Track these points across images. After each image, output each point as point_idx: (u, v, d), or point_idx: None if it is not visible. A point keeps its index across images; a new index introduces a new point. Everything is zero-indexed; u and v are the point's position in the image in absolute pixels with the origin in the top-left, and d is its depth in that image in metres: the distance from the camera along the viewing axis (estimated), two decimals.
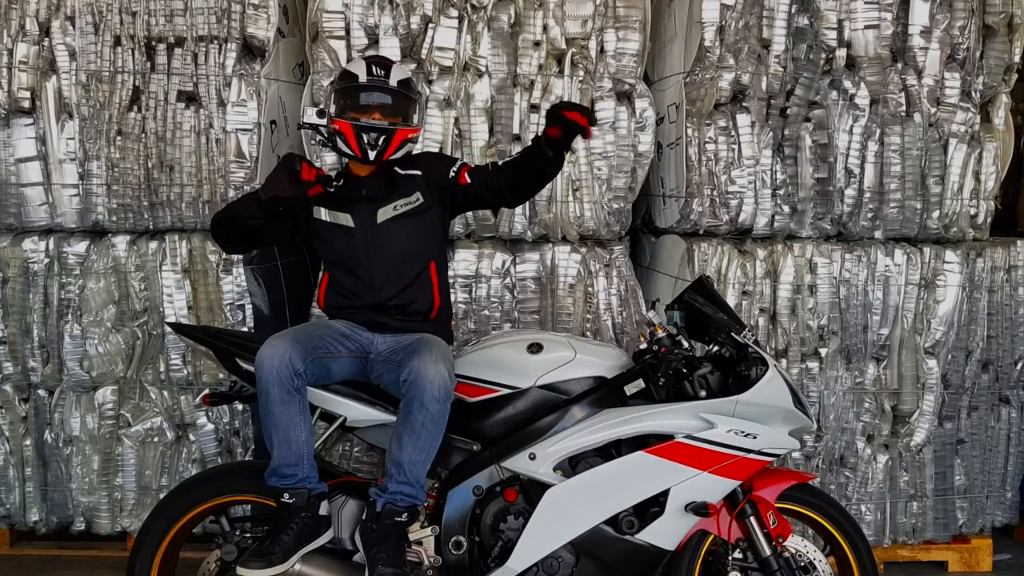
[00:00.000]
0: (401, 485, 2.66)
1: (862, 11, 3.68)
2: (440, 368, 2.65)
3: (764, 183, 3.78)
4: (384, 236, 2.94)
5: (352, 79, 2.93)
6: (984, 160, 3.84)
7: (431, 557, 2.78)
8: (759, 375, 2.79)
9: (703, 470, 2.75)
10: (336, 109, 2.92)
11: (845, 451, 3.84)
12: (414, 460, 2.66)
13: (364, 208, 2.95)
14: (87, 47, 3.64)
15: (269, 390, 2.65)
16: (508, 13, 3.65)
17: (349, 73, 2.96)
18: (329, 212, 2.96)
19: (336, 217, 2.95)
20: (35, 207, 3.74)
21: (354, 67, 2.98)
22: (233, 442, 3.76)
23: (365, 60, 3.00)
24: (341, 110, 2.91)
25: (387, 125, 2.87)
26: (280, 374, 2.64)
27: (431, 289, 2.98)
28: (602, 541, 2.78)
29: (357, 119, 2.87)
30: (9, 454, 3.83)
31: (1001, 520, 4.10)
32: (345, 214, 2.95)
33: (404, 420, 2.67)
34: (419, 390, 2.63)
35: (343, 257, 2.96)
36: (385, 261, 2.94)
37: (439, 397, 2.63)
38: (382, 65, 2.96)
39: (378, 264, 2.93)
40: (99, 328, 3.69)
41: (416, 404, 2.63)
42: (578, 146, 3.69)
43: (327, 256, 3.03)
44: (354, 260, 2.95)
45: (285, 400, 2.66)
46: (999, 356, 4.00)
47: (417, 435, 2.64)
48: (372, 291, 2.94)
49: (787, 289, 3.73)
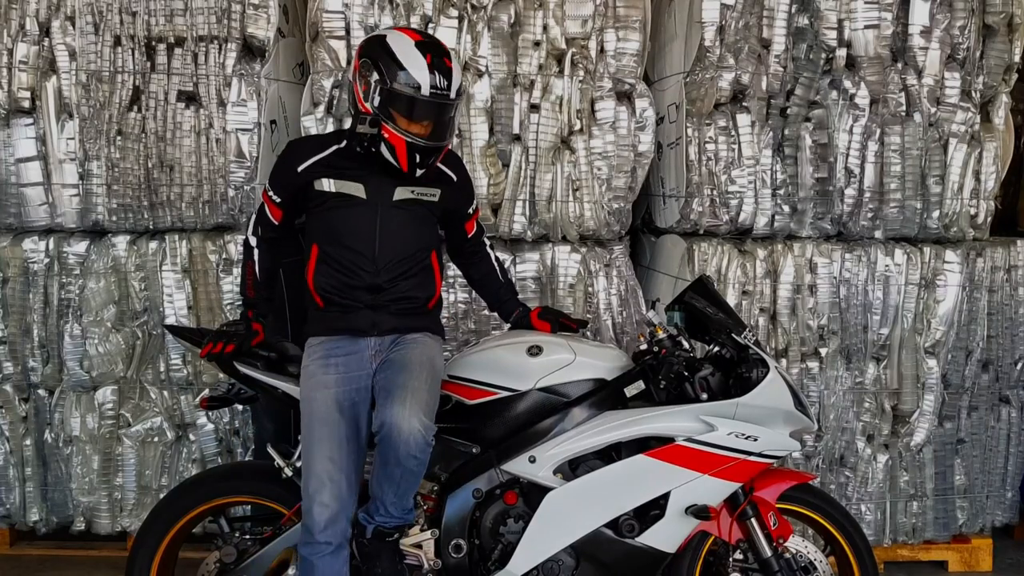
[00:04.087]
0: (386, 516, 2.68)
1: (862, 11, 3.67)
2: (414, 424, 2.54)
3: (764, 183, 3.78)
4: (397, 216, 2.78)
5: (413, 86, 2.64)
6: (984, 160, 3.84)
7: (431, 560, 2.78)
8: (760, 377, 2.78)
9: (704, 473, 2.74)
10: (385, 112, 2.67)
11: (845, 451, 3.84)
12: (396, 500, 2.66)
13: (381, 181, 2.77)
14: (87, 47, 3.63)
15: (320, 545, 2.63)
16: (508, 13, 3.65)
17: (408, 74, 2.65)
18: (336, 182, 2.77)
19: (344, 187, 2.77)
20: (35, 207, 3.74)
21: (414, 68, 2.65)
22: (233, 442, 3.76)
23: (426, 59, 2.67)
24: (391, 117, 2.66)
25: (441, 145, 2.74)
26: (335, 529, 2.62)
27: (433, 278, 2.89)
28: (602, 544, 2.77)
29: (413, 136, 2.68)
30: (9, 454, 3.83)
31: (1001, 520, 4.11)
32: (356, 184, 2.76)
33: (382, 468, 2.61)
34: (393, 448, 2.55)
35: (345, 230, 2.77)
36: (393, 239, 2.78)
37: (415, 453, 2.56)
38: (445, 73, 2.67)
39: (385, 241, 2.77)
40: (99, 328, 3.69)
41: (392, 459, 2.57)
42: (578, 146, 3.69)
43: (323, 228, 2.80)
44: (358, 233, 2.76)
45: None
46: (999, 356, 4.00)
47: (396, 483, 2.62)
48: (373, 269, 2.76)
49: (787, 289, 3.73)
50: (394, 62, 2.66)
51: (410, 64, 2.65)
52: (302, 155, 2.81)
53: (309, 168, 2.78)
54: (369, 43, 2.75)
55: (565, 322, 3.03)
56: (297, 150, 2.85)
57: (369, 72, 2.68)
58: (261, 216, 2.90)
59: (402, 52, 2.66)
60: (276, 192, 2.84)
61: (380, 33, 2.79)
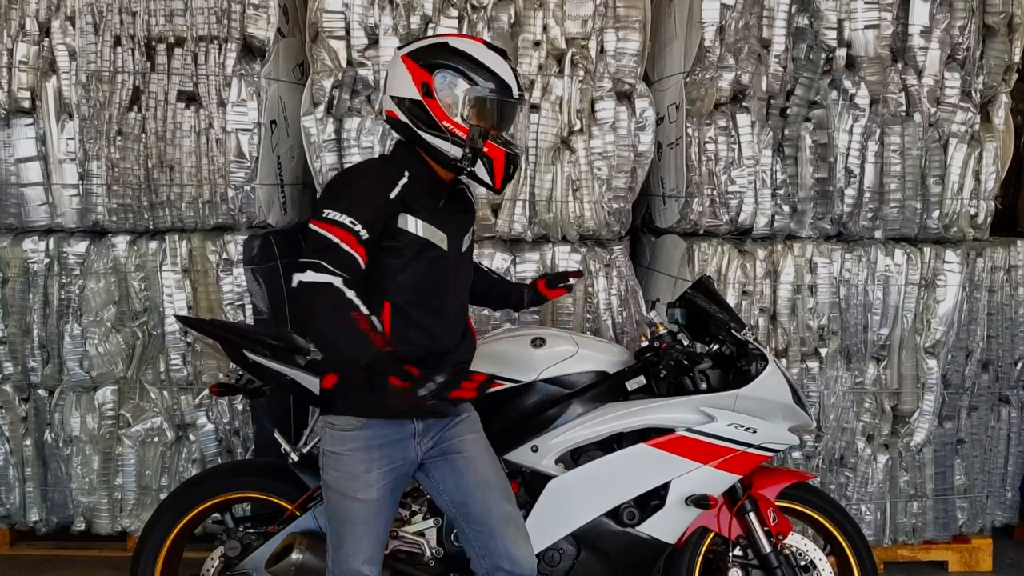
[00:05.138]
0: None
1: (862, 11, 3.67)
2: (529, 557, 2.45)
3: (764, 183, 3.78)
4: (463, 268, 2.48)
5: (503, 89, 2.35)
6: (984, 160, 3.84)
7: (433, 548, 2.79)
8: (759, 370, 2.81)
9: (704, 463, 2.77)
10: (479, 122, 2.34)
11: (845, 451, 3.84)
12: None
13: (454, 229, 2.41)
14: (87, 47, 3.64)
15: None
16: (508, 13, 3.65)
17: (497, 76, 2.35)
18: (424, 225, 2.32)
19: (431, 233, 2.33)
20: (35, 207, 3.74)
21: (499, 68, 2.36)
22: (233, 442, 3.76)
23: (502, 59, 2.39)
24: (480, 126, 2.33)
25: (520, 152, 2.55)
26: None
27: (472, 335, 2.57)
28: (603, 533, 2.79)
29: (509, 145, 2.40)
30: (9, 454, 3.83)
31: (1001, 520, 4.10)
32: (441, 232, 2.36)
33: None
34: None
35: (427, 285, 2.35)
36: (460, 294, 2.47)
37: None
38: (513, 71, 2.41)
39: (455, 300, 2.44)
40: (99, 328, 3.69)
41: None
42: (578, 147, 3.69)
43: (401, 279, 2.32)
44: (436, 291, 2.37)
45: None
46: (999, 356, 4.00)
47: None
48: (447, 334, 2.41)
49: (787, 289, 3.73)
50: (479, 66, 2.34)
51: (494, 65, 2.36)
52: (387, 177, 2.31)
53: (400, 196, 2.29)
54: (433, 52, 2.37)
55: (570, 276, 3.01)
56: (378, 171, 2.37)
57: (451, 83, 2.32)
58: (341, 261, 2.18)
59: (479, 54, 2.36)
60: (364, 224, 2.21)
61: (437, 41, 2.41)
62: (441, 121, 2.32)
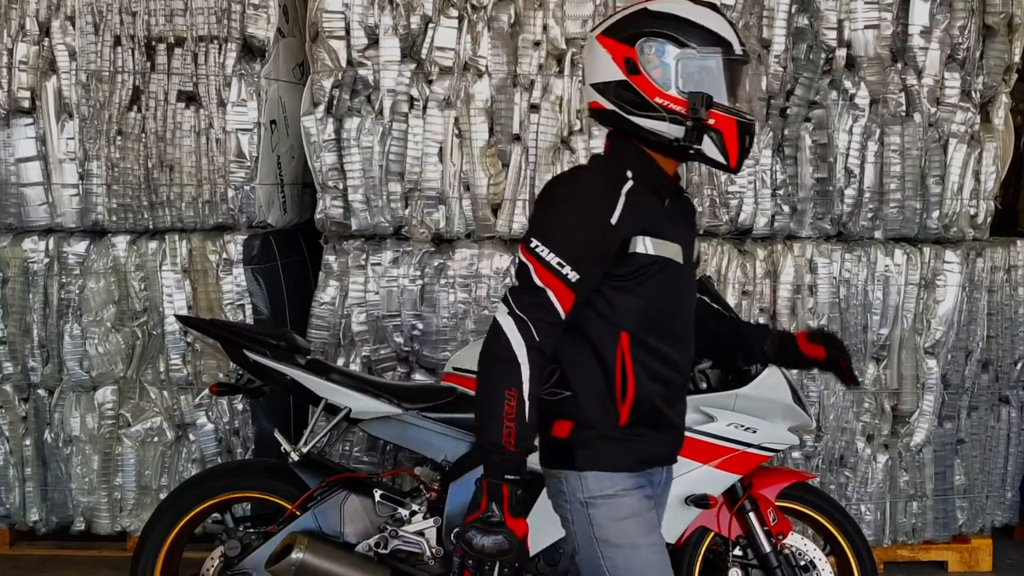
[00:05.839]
0: None
1: (862, 11, 3.67)
2: None
3: (764, 183, 3.78)
4: (693, 280, 2.16)
5: (721, 45, 1.95)
6: (984, 160, 3.84)
7: (433, 548, 2.79)
8: (758, 370, 2.80)
9: (703, 463, 2.76)
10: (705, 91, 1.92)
11: (845, 451, 3.83)
12: None
13: (684, 235, 2.05)
14: (87, 47, 3.64)
15: None
16: (508, 13, 3.65)
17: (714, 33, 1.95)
18: (655, 241, 1.93)
19: (664, 248, 1.95)
20: (35, 207, 3.75)
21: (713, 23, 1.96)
22: (233, 442, 3.76)
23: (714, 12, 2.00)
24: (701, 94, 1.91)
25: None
26: None
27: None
28: None
29: (738, 113, 1.97)
30: (9, 454, 3.83)
31: (1001, 520, 4.10)
32: (674, 245, 1.98)
33: None
34: None
35: (663, 307, 1.98)
36: (691, 315, 2.11)
37: None
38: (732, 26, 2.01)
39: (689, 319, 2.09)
40: (99, 328, 3.69)
41: None
42: (578, 147, 3.69)
43: (635, 305, 1.95)
44: (674, 312, 2.02)
45: None
46: (999, 356, 4.00)
47: None
48: (685, 361, 2.07)
49: (787, 289, 3.73)
50: (689, 25, 1.95)
51: (705, 20, 1.96)
52: (607, 197, 1.93)
53: (623, 219, 1.91)
54: (632, 22, 1.99)
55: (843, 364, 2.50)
56: (596, 189, 1.96)
57: (659, 51, 1.94)
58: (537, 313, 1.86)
59: (686, 11, 1.97)
60: (573, 264, 1.86)
61: (634, 9, 2.02)
62: (653, 98, 1.94)
